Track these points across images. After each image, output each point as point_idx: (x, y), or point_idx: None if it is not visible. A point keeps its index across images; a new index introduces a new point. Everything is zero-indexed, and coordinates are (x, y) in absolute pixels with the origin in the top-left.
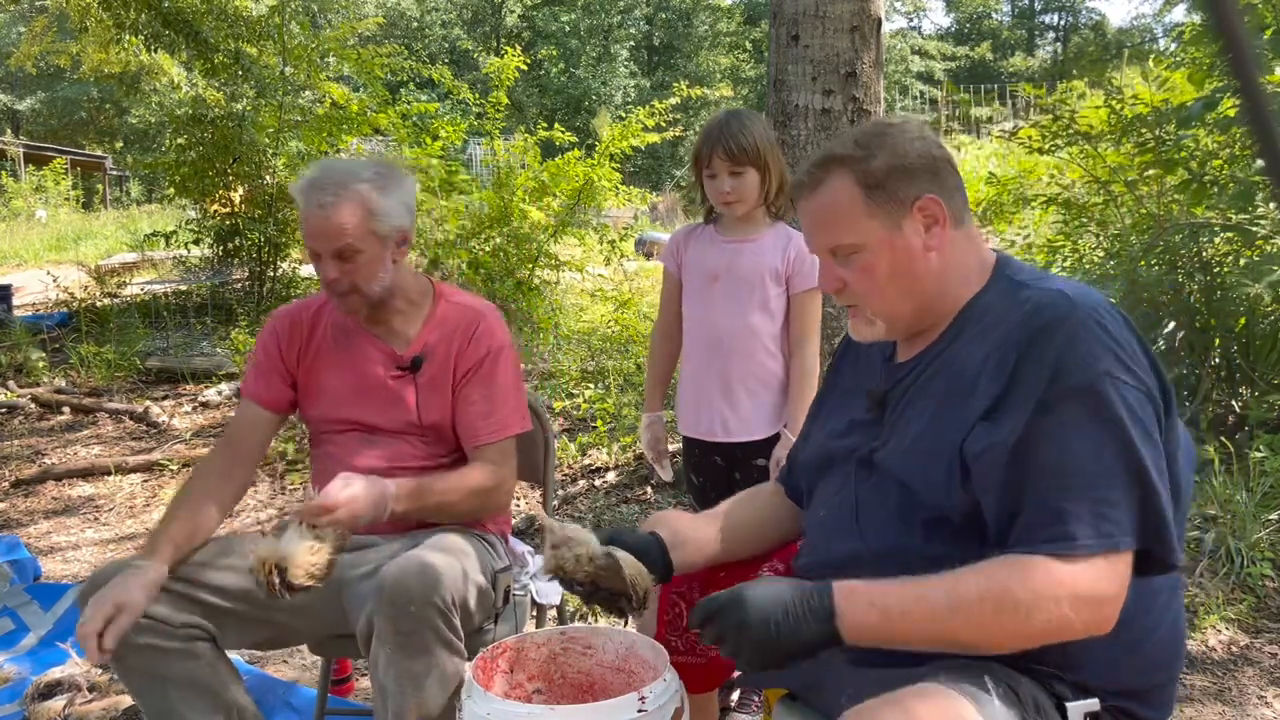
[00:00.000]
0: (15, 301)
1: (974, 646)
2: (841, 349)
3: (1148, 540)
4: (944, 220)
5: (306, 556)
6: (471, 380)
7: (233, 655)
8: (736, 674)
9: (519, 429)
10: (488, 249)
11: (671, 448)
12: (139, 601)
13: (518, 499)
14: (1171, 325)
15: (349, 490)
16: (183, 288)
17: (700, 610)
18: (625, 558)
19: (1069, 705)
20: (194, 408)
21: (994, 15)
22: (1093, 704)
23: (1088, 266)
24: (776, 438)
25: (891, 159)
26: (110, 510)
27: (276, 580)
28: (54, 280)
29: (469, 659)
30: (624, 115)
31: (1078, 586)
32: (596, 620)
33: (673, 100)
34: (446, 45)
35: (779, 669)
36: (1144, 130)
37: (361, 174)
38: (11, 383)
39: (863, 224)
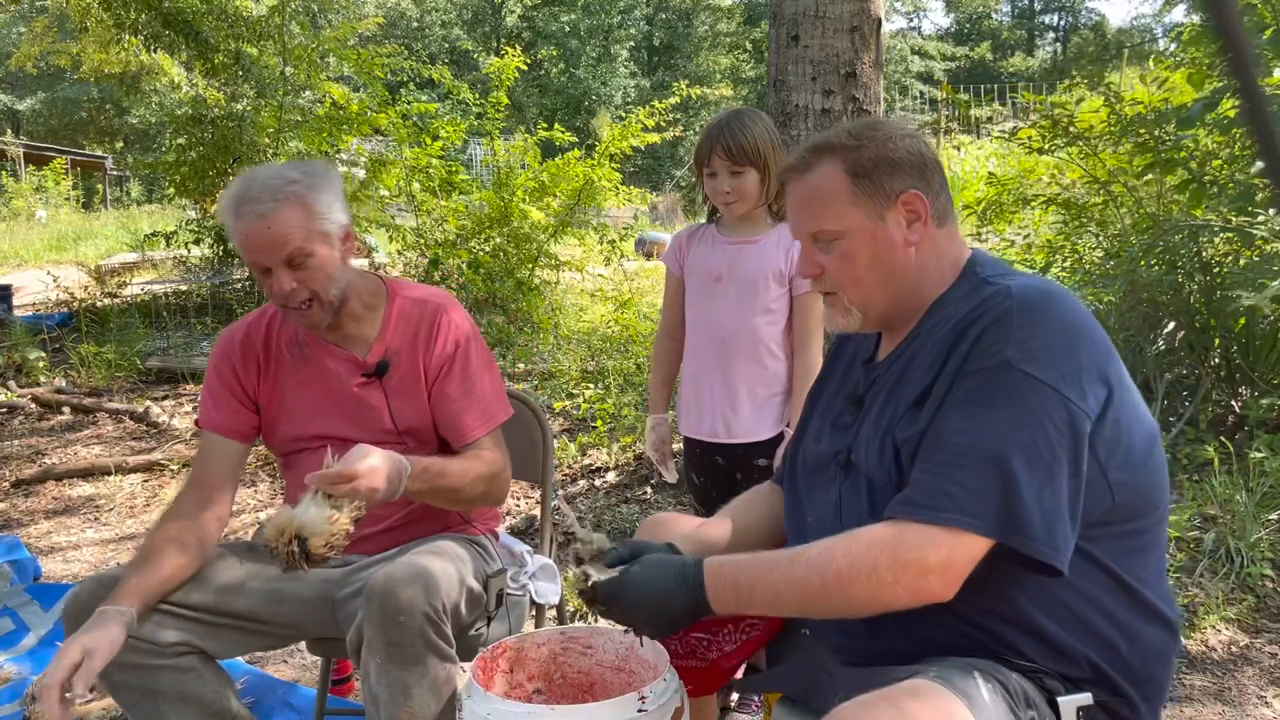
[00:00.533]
0: (15, 301)
1: (811, 611)
2: (831, 354)
3: (1003, 532)
4: (926, 217)
5: (325, 526)
6: (446, 377)
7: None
8: (737, 676)
9: (504, 416)
10: (488, 249)
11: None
12: (108, 644)
13: (517, 498)
14: (1171, 325)
15: (368, 461)
16: (183, 288)
17: (601, 593)
18: None
19: (1060, 700)
20: (194, 408)
21: (994, 15)
22: (1085, 698)
23: (1088, 267)
24: (778, 438)
25: (881, 151)
26: (111, 510)
27: (296, 550)
28: (54, 280)
29: (462, 663)
30: (624, 115)
31: (897, 550)
32: (596, 620)
33: (673, 100)
34: (446, 45)
35: (669, 634)
36: (1142, 131)
37: (289, 175)
38: (12, 383)
39: (847, 211)
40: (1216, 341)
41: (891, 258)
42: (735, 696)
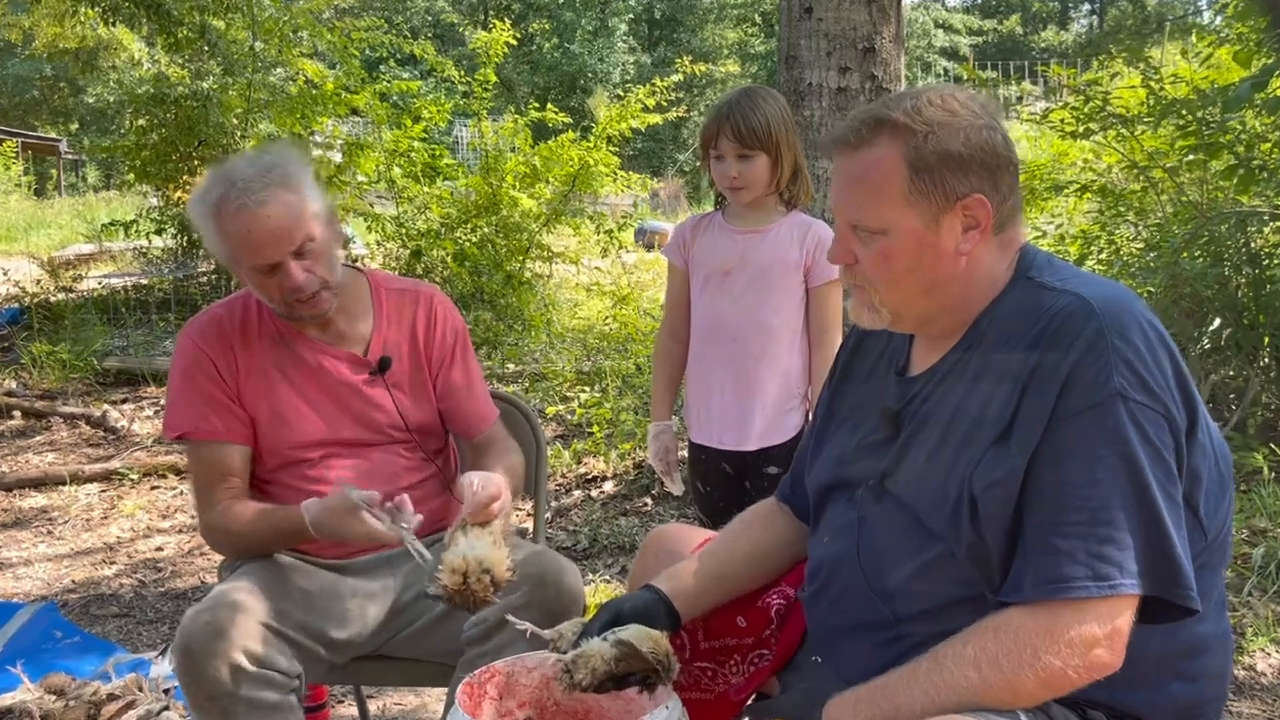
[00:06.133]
0: None
1: (972, 708)
2: (846, 357)
3: (1155, 584)
4: (986, 226)
5: (498, 553)
6: (451, 367)
7: None
8: (747, 704)
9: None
10: (474, 239)
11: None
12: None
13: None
14: (1217, 323)
15: (491, 478)
16: (143, 281)
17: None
18: (636, 635)
19: None
20: (155, 411)
21: None
22: None
23: (1125, 259)
24: (792, 443)
25: (951, 144)
26: (65, 523)
27: (490, 584)
28: (4, 273)
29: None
30: (622, 94)
31: (1054, 631)
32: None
33: (675, 78)
34: (429, 18)
35: None
36: (1185, 113)
37: (265, 162)
38: None
39: (898, 208)
40: (1266, 340)
41: (937, 266)
42: None
